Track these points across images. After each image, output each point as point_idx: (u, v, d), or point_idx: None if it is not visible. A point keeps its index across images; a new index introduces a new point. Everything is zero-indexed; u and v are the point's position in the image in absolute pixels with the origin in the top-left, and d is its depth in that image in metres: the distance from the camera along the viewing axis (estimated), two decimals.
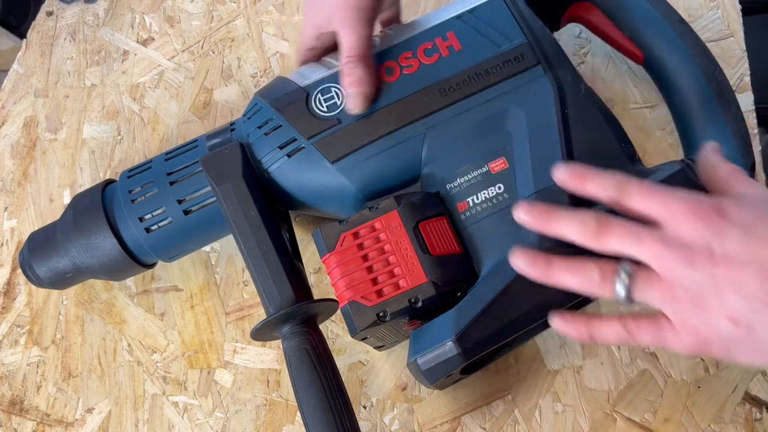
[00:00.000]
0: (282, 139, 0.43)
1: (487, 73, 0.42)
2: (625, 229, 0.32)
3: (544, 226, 0.35)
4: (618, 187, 0.33)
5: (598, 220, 0.33)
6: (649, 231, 0.32)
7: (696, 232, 0.30)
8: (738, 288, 0.29)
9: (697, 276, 0.30)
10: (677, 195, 0.32)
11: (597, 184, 0.34)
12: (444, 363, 0.37)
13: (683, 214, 0.31)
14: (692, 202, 0.31)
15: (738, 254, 0.29)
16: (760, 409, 0.41)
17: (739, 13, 0.52)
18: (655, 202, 0.32)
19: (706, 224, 0.30)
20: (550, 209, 0.35)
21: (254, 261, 0.40)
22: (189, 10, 0.63)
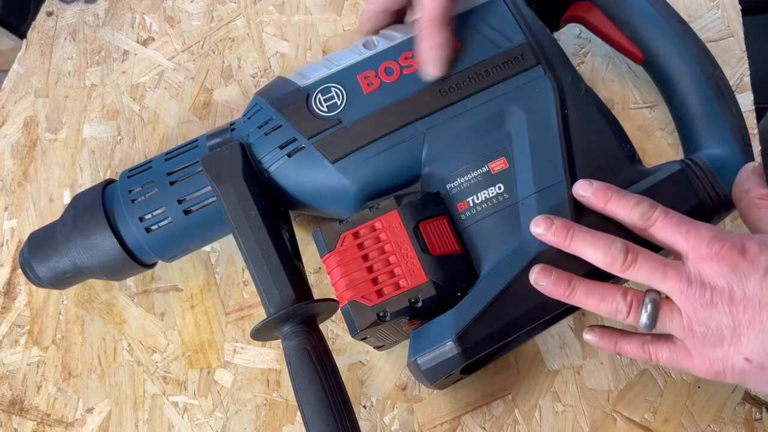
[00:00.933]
0: (282, 139, 0.43)
1: (487, 73, 0.42)
2: (653, 264, 0.33)
3: (565, 245, 0.36)
4: (643, 215, 0.34)
5: (625, 251, 0.34)
6: (674, 267, 0.33)
7: (718, 273, 0.31)
8: (754, 329, 0.31)
9: (716, 316, 0.31)
10: (701, 232, 0.32)
11: (621, 207, 0.35)
12: (444, 363, 0.37)
13: (707, 253, 0.32)
14: (715, 241, 0.32)
15: (758, 297, 0.30)
16: (759, 409, 0.41)
17: (738, 13, 0.52)
18: (679, 237, 0.33)
19: (729, 267, 0.31)
20: (572, 229, 0.36)
21: (254, 261, 0.40)
22: (189, 10, 0.63)
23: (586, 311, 0.45)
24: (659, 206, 0.34)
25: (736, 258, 0.31)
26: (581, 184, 0.37)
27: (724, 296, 0.31)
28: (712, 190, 0.39)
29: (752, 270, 0.30)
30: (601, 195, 0.36)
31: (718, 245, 0.31)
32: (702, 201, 0.39)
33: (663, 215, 0.34)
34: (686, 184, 0.39)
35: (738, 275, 0.31)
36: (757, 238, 0.32)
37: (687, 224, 0.33)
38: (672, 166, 0.40)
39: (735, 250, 0.31)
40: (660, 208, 0.34)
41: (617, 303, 0.34)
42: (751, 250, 0.31)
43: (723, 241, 0.32)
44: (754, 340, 0.31)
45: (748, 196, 0.35)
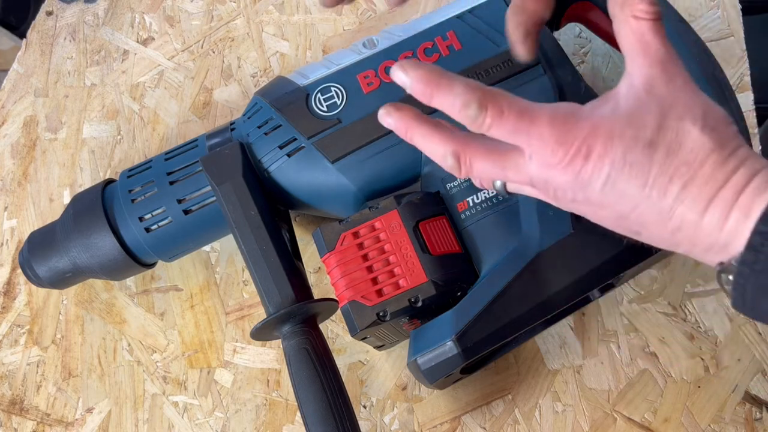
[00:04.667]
0: (282, 138, 0.43)
1: (487, 73, 0.42)
2: (490, 168, 0.31)
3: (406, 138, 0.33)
4: (473, 121, 0.30)
5: (456, 159, 0.31)
6: (514, 168, 0.31)
7: (561, 180, 0.29)
8: (594, 217, 0.31)
9: (558, 204, 0.31)
10: (543, 133, 0.29)
11: (446, 106, 0.30)
12: (444, 363, 0.37)
13: (550, 161, 0.29)
14: (559, 147, 0.28)
15: (598, 201, 0.29)
16: (760, 409, 0.41)
17: (739, 13, 0.52)
18: (520, 141, 0.30)
19: (572, 175, 0.29)
20: (410, 128, 0.32)
21: (254, 261, 0.40)
22: (189, 9, 0.63)
23: (586, 311, 0.45)
24: (491, 104, 0.29)
25: (579, 165, 0.28)
26: (395, 69, 0.31)
27: (566, 197, 0.30)
28: None
29: (594, 176, 0.28)
30: (421, 89, 0.30)
31: (562, 152, 0.28)
32: None
33: (496, 118, 0.29)
34: None
35: (579, 182, 0.29)
36: (606, 127, 0.28)
37: (526, 125, 0.29)
38: None
39: (579, 156, 0.28)
40: (491, 106, 0.29)
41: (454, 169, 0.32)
42: (596, 152, 0.28)
43: (567, 145, 0.28)
44: (598, 221, 0.31)
45: (621, 12, 0.30)
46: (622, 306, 0.45)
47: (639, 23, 0.29)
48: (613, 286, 0.44)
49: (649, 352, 0.43)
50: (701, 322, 0.44)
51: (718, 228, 0.27)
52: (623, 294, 0.45)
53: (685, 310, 0.44)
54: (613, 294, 0.45)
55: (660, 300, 0.45)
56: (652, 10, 0.29)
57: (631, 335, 0.44)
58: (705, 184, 0.27)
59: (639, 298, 0.45)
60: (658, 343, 0.44)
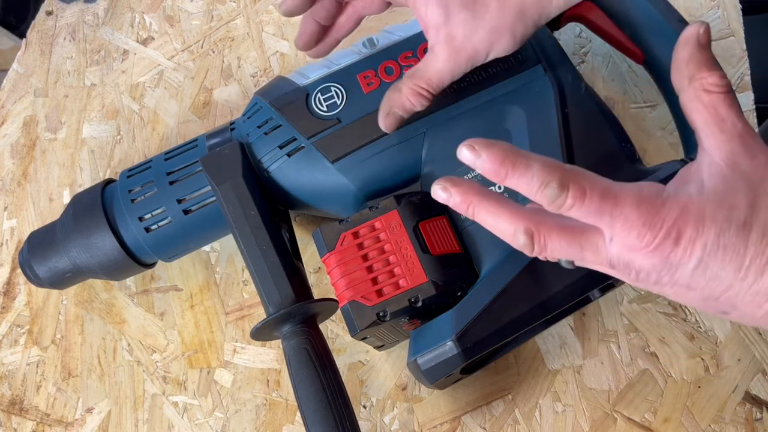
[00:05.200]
0: (282, 138, 0.43)
1: (487, 73, 0.42)
2: (565, 249, 0.29)
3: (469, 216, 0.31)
4: (552, 202, 0.28)
5: (530, 238, 0.29)
6: (593, 249, 0.29)
7: (646, 263, 0.28)
8: (677, 298, 0.29)
9: (642, 285, 0.30)
10: (629, 216, 0.27)
11: (523, 186, 0.28)
12: (444, 363, 0.37)
13: (636, 245, 0.27)
14: (647, 231, 0.27)
15: (686, 283, 0.28)
16: (760, 409, 0.41)
17: (739, 13, 0.52)
18: (602, 224, 0.28)
19: (659, 259, 0.27)
20: (472, 203, 0.30)
21: (254, 261, 0.40)
22: (189, 9, 0.63)
23: (586, 311, 0.45)
24: (572, 184, 0.27)
25: (669, 249, 0.27)
26: (465, 150, 0.28)
27: (650, 279, 0.28)
28: None
29: (684, 260, 0.27)
30: (495, 171, 0.28)
31: (650, 236, 0.27)
32: None
33: (578, 200, 0.27)
34: None
35: (668, 266, 0.27)
36: (696, 210, 0.27)
37: (610, 207, 0.27)
38: (673, 165, 0.40)
39: (669, 241, 0.27)
40: (573, 187, 0.27)
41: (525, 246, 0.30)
42: (686, 237, 0.27)
43: (655, 230, 0.27)
44: (681, 300, 0.30)
45: (691, 87, 0.29)
46: (622, 306, 0.45)
47: (711, 97, 0.28)
48: (613, 286, 0.44)
49: (649, 352, 0.43)
50: (701, 322, 0.44)
51: None
52: (623, 294, 0.45)
53: (685, 310, 0.44)
54: (613, 294, 0.45)
55: (660, 300, 0.45)
56: (723, 83, 0.28)
57: (631, 335, 0.44)
58: None
59: (639, 298, 0.45)
60: (658, 343, 0.44)
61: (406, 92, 0.38)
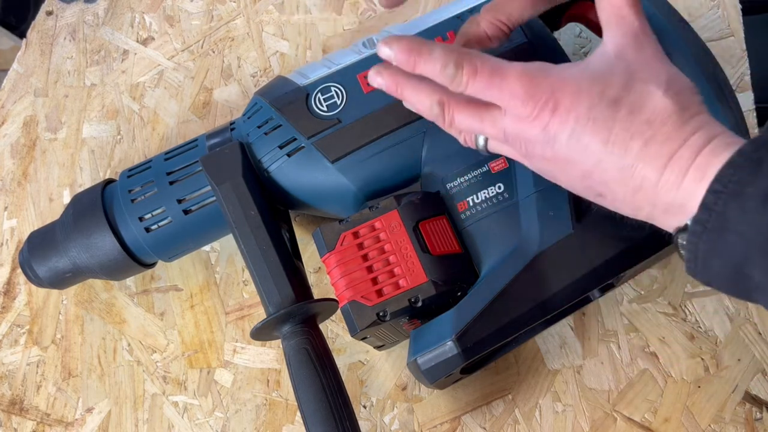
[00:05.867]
0: (282, 138, 0.43)
1: None
2: (470, 120, 0.33)
3: (397, 93, 0.35)
4: (452, 80, 0.32)
5: (441, 108, 0.34)
6: (491, 120, 0.33)
7: (531, 133, 0.31)
8: (565, 175, 0.32)
9: (533, 162, 0.33)
10: (514, 87, 0.31)
11: (429, 71, 0.33)
12: (444, 363, 0.37)
13: (520, 114, 0.31)
14: (528, 100, 0.30)
15: (564, 155, 0.30)
16: (760, 409, 0.41)
17: (739, 13, 0.52)
18: (493, 96, 0.31)
19: (540, 128, 0.30)
20: (401, 82, 0.35)
21: (254, 261, 0.40)
22: (189, 9, 0.63)
23: (586, 311, 0.45)
24: (466, 62, 0.31)
25: (547, 118, 0.30)
26: (380, 45, 0.34)
27: (536, 152, 0.32)
28: None
29: (560, 130, 0.30)
30: (405, 59, 0.33)
31: (531, 105, 0.30)
32: None
33: (471, 76, 0.31)
34: None
35: (547, 136, 0.30)
36: (574, 83, 0.30)
37: (498, 80, 0.31)
38: None
39: (547, 110, 0.30)
40: (467, 65, 0.31)
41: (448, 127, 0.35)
42: (562, 106, 0.30)
43: (536, 99, 0.30)
44: (567, 183, 0.32)
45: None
46: (622, 306, 0.45)
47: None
48: (613, 286, 0.44)
49: (649, 352, 0.43)
50: (701, 322, 0.44)
51: (676, 186, 0.28)
52: (623, 294, 0.45)
53: (685, 310, 0.44)
54: (613, 294, 0.45)
55: (660, 300, 0.45)
56: None
57: (631, 335, 0.44)
58: (664, 143, 0.28)
59: (639, 298, 0.45)
60: (658, 343, 0.44)
61: (484, 25, 0.37)
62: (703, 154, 0.28)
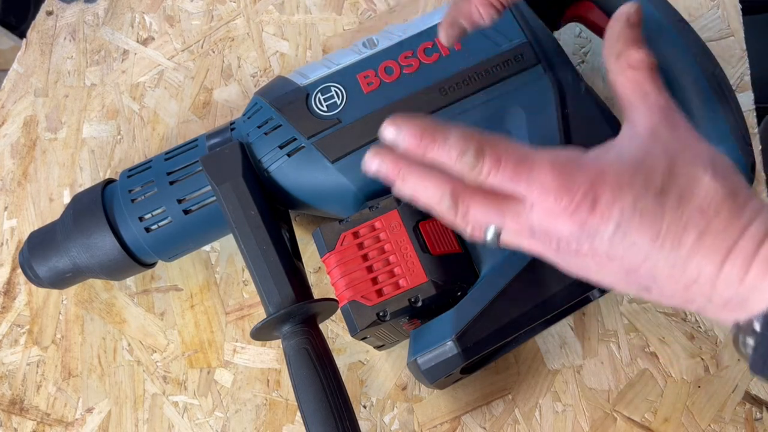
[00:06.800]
0: (282, 138, 0.43)
1: (487, 73, 0.42)
2: (488, 216, 0.29)
3: (398, 184, 0.31)
4: (471, 169, 0.28)
5: (454, 203, 0.29)
6: (514, 216, 0.29)
7: (565, 229, 0.27)
8: (602, 273, 0.29)
9: (563, 257, 0.29)
10: (545, 181, 0.27)
11: (444, 158, 0.29)
12: (444, 363, 0.37)
13: (553, 209, 0.27)
14: (563, 194, 0.27)
15: (605, 251, 0.27)
16: (760, 409, 0.41)
17: (739, 13, 0.52)
18: (520, 189, 0.28)
19: (577, 225, 0.27)
20: (402, 170, 0.30)
21: (254, 261, 0.40)
22: (189, 9, 0.63)
23: (586, 311, 0.45)
24: (488, 150, 0.28)
25: (586, 214, 0.27)
26: (386, 126, 0.30)
27: (570, 248, 0.28)
28: None
29: (602, 226, 0.27)
30: (415, 144, 0.29)
31: (567, 200, 0.27)
32: None
33: (494, 166, 0.28)
34: None
35: (586, 233, 0.27)
36: (614, 174, 0.27)
37: (526, 172, 0.27)
38: None
39: (585, 204, 0.26)
40: (489, 153, 0.28)
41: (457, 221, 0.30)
42: (603, 201, 0.26)
43: (572, 193, 0.27)
44: (604, 278, 0.29)
45: (618, 63, 0.30)
46: (622, 306, 0.45)
47: (635, 73, 0.29)
48: None
49: (649, 352, 0.43)
50: (701, 321, 0.44)
51: (738, 281, 0.25)
52: (623, 294, 0.45)
53: (685, 310, 0.44)
54: (613, 294, 0.45)
55: None
56: (648, 60, 0.29)
57: (631, 335, 0.44)
58: (722, 233, 0.26)
59: (639, 298, 0.45)
60: (658, 343, 0.44)
61: (477, 1, 0.35)
62: (766, 245, 0.25)
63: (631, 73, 0.29)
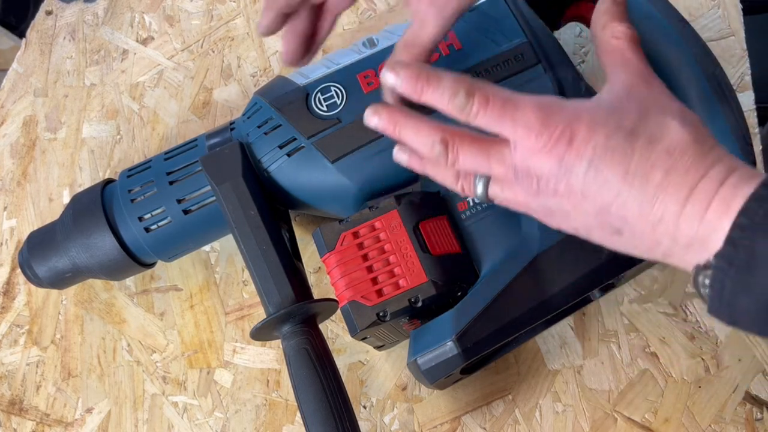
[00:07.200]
0: (282, 138, 0.43)
1: (488, 72, 0.42)
2: (475, 157, 0.32)
3: (395, 132, 0.34)
4: (461, 110, 0.31)
5: (444, 146, 0.32)
6: (498, 157, 0.31)
7: (544, 166, 0.29)
8: (579, 214, 0.30)
9: (543, 200, 0.31)
10: (528, 119, 0.30)
11: (437, 100, 0.32)
12: (444, 363, 0.37)
13: (534, 146, 0.29)
14: (544, 131, 0.29)
15: (579, 188, 0.29)
16: (760, 409, 0.41)
17: (739, 13, 0.52)
18: (505, 128, 0.30)
19: (555, 160, 0.29)
20: (399, 120, 0.33)
21: (254, 261, 0.40)
22: (188, 9, 0.63)
23: (586, 311, 0.45)
24: (477, 92, 0.30)
25: (563, 150, 0.29)
26: (386, 72, 0.33)
27: (549, 187, 0.30)
28: None
29: (577, 161, 0.29)
30: (412, 87, 0.32)
31: (546, 136, 0.29)
32: None
33: (482, 106, 0.30)
34: None
35: (563, 168, 0.29)
36: (589, 115, 0.29)
37: (511, 111, 0.30)
38: None
39: (563, 141, 0.29)
40: (478, 95, 0.30)
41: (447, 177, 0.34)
42: (579, 137, 0.29)
43: (551, 129, 0.29)
44: (580, 221, 0.31)
45: (603, 33, 0.32)
46: (622, 306, 0.45)
47: (619, 42, 0.32)
48: (614, 286, 0.44)
49: (649, 352, 0.43)
50: (702, 322, 0.44)
51: (698, 219, 0.27)
52: (624, 294, 0.45)
53: (685, 310, 0.44)
54: (613, 294, 0.45)
55: (660, 300, 0.45)
56: (630, 32, 0.32)
57: (632, 335, 0.44)
58: (686, 174, 0.27)
59: (639, 298, 0.45)
60: (658, 343, 0.44)
61: None
62: (725, 185, 0.27)
63: (615, 42, 0.32)
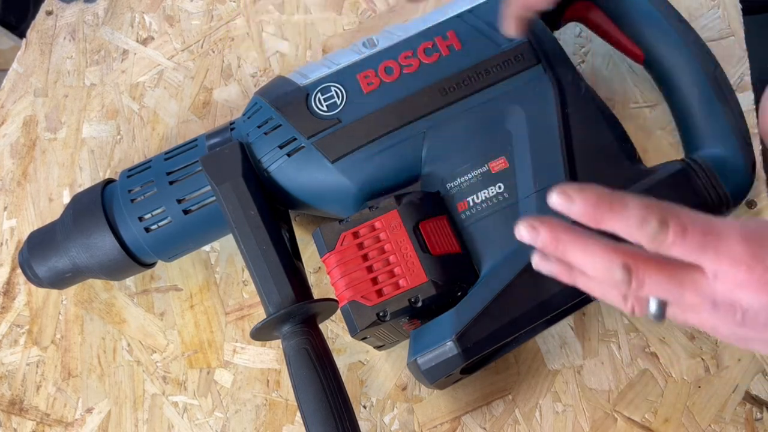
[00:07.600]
0: (282, 138, 0.43)
1: (488, 73, 0.42)
2: (665, 286, 0.28)
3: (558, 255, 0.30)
4: (653, 238, 0.27)
5: (627, 274, 0.28)
6: (693, 286, 0.27)
7: (754, 299, 0.26)
8: None
9: (742, 332, 0.28)
10: (734, 252, 0.26)
11: (620, 227, 0.27)
12: (444, 363, 0.37)
13: (745, 279, 0.26)
14: (756, 263, 0.26)
15: None
16: (760, 409, 0.41)
17: (739, 13, 0.52)
18: (706, 261, 0.27)
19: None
20: (561, 240, 0.29)
21: (254, 261, 0.40)
22: (189, 9, 0.63)
23: (586, 311, 0.45)
24: (672, 220, 0.27)
25: None
26: (555, 196, 0.28)
27: (758, 320, 0.27)
28: (712, 190, 0.39)
29: None
30: (590, 214, 0.28)
31: (761, 269, 0.26)
32: (703, 200, 0.39)
33: (679, 236, 0.26)
34: (687, 183, 0.39)
35: None
36: None
37: (714, 242, 0.26)
38: (672, 165, 0.40)
39: None
40: (673, 224, 0.27)
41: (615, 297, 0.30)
42: None
43: (758, 256, 0.26)
44: None
45: None
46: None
47: None
48: None
49: (649, 352, 0.43)
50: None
51: None
52: None
53: None
54: None
55: None
56: None
57: (632, 335, 0.44)
58: None
59: None
60: (658, 343, 0.44)
61: None
62: None
63: None
